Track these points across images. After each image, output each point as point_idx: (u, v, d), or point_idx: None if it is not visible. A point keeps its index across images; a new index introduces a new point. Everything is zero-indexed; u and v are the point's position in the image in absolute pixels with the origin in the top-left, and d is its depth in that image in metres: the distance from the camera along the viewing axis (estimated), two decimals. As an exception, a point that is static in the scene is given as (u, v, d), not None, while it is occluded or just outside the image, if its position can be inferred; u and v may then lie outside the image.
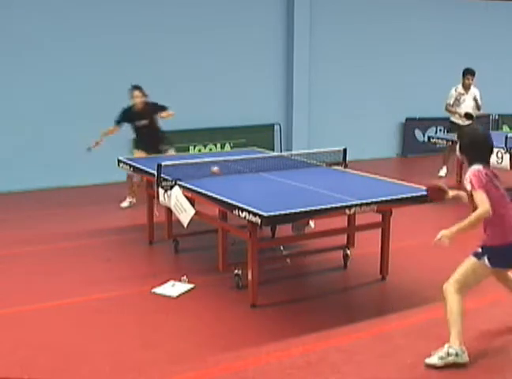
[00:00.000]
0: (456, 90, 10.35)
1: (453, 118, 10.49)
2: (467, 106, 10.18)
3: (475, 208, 4.04)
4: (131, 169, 6.91)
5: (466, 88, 10.27)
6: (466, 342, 4.49)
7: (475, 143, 4.15)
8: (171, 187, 5.71)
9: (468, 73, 10.26)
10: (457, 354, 4.11)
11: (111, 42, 10.05)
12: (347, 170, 6.51)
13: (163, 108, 8.30)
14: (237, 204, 4.83)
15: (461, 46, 13.34)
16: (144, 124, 8.33)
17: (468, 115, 9.96)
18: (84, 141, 10.03)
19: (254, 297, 5.11)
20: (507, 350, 4.38)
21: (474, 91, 10.30)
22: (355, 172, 6.41)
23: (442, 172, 10.51)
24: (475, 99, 10.24)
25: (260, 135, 11.40)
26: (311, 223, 6.29)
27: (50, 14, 9.62)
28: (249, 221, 4.73)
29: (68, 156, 9.96)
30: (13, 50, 9.43)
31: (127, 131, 10.33)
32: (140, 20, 10.28)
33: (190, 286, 5.57)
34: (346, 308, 5.26)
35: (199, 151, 10.80)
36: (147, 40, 10.30)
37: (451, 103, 10.38)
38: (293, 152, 8.64)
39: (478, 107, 10.28)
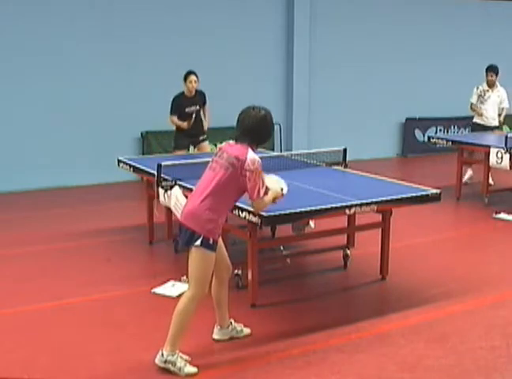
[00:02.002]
0: (478, 88, 9.92)
1: (476, 119, 10.05)
2: (493, 102, 9.85)
3: None
4: (131, 169, 6.89)
5: (490, 85, 9.86)
6: (467, 341, 4.50)
7: None
8: (171, 187, 5.71)
9: (490, 69, 9.86)
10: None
11: (112, 45, 10.05)
12: (347, 170, 6.52)
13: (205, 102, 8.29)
14: (237, 204, 4.82)
15: (460, 46, 13.34)
16: (194, 110, 8.17)
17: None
18: (84, 141, 10.08)
19: (254, 297, 5.11)
20: (507, 351, 4.38)
21: (500, 89, 9.96)
22: (355, 172, 6.41)
23: (467, 177, 9.93)
24: (499, 97, 9.90)
25: (260, 135, 11.38)
26: (311, 223, 6.29)
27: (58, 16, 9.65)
28: (249, 221, 4.73)
29: (68, 156, 9.96)
30: (13, 50, 9.44)
31: (128, 131, 10.38)
32: (139, 22, 10.28)
33: (190, 286, 5.56)
34: (346, 308, 5.26)
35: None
36: (146, 42, 10.30)
37: (474, 101, 9.93)
38: (293, 152, 8.63)
39: (500, 109, 9.94)
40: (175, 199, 5.63)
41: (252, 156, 4.07)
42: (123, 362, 4.24)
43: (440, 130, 13.36)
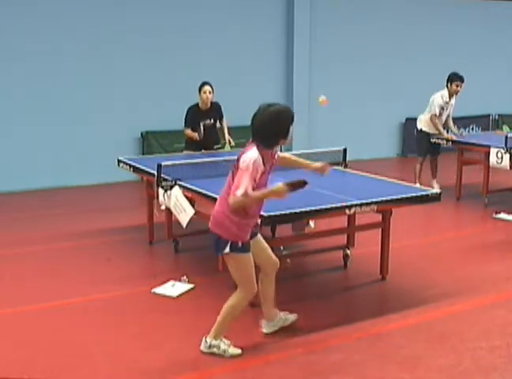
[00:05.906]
0: (443, 98, 8.82)
1: (425, 128, 9.09)
2: (449, 113, 9.07)
3: None
4: (131, 169, 6.89)
5: (452, 95, 8.83)
6: (467, 341, 4.50)
7: None
8: (171, 187, 5.72)
9: (457, 78, 8.67)
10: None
11: (112, 45, 10.05)
12: (347, 170, 6.52)
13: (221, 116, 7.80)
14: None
15: (460, 46, 13.33)
16: (209, 124, 7.65)
17: None
18: (84, 141, 10.08)
19: (254, 296, 5.10)
20: (507, 351, 4.38)
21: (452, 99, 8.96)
22: (355, 172, 6.41)
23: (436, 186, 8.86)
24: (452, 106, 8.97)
25: (260, 135, 11.37)
26: (311, 223, 6.29)
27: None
28: (249, 221, 4.72)
29: (68, 156, 9.96)
30: (13, 51, 9.43)
31: (128, 131, 10.38)
32: (139, 22, 10.27)
33: (190, 286, 5.57)
34: (346, 308, 5.26)
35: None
36: (145, 42, 10.30)
37: (437, 113, 8.83)
38: (293, 152, 8.62)
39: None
40: (175, 199, 5.63)
41: (247, 155, 3.95)
42: (123, 362, 4.24)
43: (440, 130, 13.32)
